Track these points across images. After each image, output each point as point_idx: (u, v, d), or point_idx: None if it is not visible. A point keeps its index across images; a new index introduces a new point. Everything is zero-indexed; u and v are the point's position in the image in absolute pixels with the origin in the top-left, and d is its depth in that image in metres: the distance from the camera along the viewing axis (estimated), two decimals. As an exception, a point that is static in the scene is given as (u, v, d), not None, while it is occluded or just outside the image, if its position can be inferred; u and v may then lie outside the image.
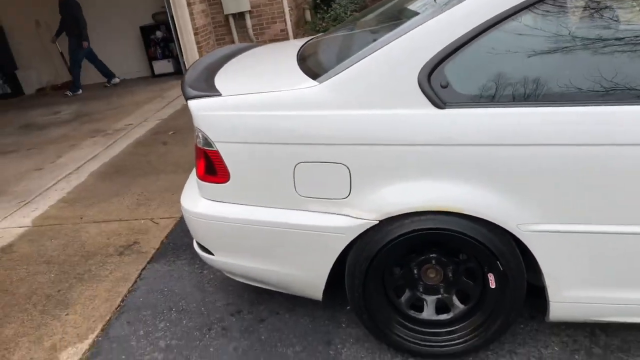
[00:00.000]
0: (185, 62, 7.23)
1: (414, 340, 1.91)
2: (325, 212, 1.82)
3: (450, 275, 1.88)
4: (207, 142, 1.91)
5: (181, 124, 5.43)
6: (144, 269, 2.75)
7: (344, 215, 1.80)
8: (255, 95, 1.84)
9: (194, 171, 2.32)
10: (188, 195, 2.15)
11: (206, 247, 2.09)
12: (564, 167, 1.58)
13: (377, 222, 1.75)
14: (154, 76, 8.64)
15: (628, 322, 1.81)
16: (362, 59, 1.70)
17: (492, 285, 1.79)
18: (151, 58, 8.64)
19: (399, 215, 1.73)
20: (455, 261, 1.87)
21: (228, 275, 2.20)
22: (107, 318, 2.39)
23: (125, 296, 2.53)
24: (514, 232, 1.67)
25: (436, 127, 1.63)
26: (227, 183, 1.94)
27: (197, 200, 2.06)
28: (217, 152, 1.91)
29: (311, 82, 1.79)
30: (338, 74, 1.73)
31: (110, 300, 2.51)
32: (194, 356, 2.10)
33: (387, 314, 1.92)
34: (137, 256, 2.88)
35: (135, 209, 3.48)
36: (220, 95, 1.91)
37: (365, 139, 1.69)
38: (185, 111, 5.72)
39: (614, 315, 1.76)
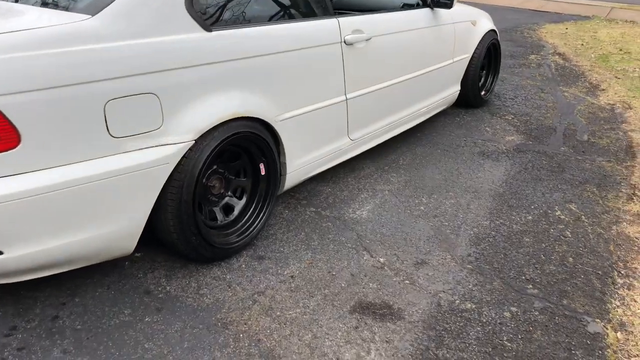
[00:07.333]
0: None
1: (232, 241, 2.24)
2: (144, 148, 1.84)
3: (230, 177, 2.28)
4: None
5: None
6: None
7: (164, 145, 1.88)
8: (36, 31, 1.59)
9: None
10: None
11: (-9, 246, 1.59)
12: (282, 68, 2.29)
13: (194, 141, 1.95)
14: None
15: (330, 166, 2.77)
16: None
17: (263, 172, 2.34)
18: None
19: (210, 129, 2.00)
20: (230, 166, 2.28)
21: (10, 280, 1.72)
22: None
23: None
24: (273, 124, 2.29)
25: (210, 47, 1.99)
26: (17, 148, 1.59)
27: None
28: (-6, 112, 1.52)
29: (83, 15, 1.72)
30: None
31: None
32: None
33: (206, 229, 2.14)
34: None
35: None
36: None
37: (163, 65, 1.85)
38: None
39: (323, 166, 2.69)
